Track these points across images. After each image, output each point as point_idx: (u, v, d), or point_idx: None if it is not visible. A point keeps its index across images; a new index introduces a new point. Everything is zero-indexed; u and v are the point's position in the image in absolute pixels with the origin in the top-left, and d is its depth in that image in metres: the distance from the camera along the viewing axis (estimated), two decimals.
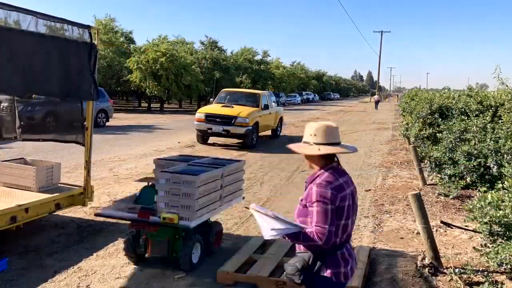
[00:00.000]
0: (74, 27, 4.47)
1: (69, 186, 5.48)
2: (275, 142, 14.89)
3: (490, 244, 3.86)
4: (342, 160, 10.22)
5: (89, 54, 4.61)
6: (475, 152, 6.81)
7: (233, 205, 5.05)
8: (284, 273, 2.58)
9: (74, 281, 3.97)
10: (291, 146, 2.47)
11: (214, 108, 13.48)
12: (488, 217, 3.66)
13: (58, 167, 5.44)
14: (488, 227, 3.73)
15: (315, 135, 2.36)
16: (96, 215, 4.47)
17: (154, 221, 4.02)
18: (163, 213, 3.95)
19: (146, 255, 4.28)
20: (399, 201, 7.00)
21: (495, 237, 3.76)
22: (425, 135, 9.64)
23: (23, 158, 5.83)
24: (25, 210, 4.54)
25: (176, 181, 3.99)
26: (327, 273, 2.27)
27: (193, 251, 4.19)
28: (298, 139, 10.01)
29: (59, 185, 5.43)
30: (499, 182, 4.47)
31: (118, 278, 4.05)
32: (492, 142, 6.63)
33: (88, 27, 4.69)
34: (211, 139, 13.49)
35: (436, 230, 5.38)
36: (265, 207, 6.60)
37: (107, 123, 17.93)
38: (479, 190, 6.15)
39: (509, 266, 3.64)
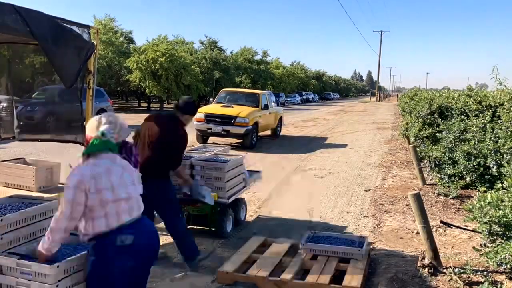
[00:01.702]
0: (74, 27, 4.47)
1: None
2: (275, 142, 14.88)
3: (490, 244, 3.86)
4: (342, 160, 10.14)
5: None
6: (475, 152, 6.81)
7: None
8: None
9: None
10: None
11: (214, 108, 13.47)
12: (488, 217, 3.65)
13: (58, 167, 5.43)
14: (488, 227, 3.72)
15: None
16: None
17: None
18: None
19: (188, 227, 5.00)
20: (399, 201, 7.00)
21: (495, 237, 3.76)
22: (425, 135, 9.64)
23: (22, 158, 5.81)
24: None
25: (208, 167, 4.99)
26: None
27: (226, 224, 5.15)
28: (299, 139, 9.99)
29: (59, 185, 5.42)
30: (499, 182, 4.47)
31: None
32: (491, 142, 6.62)
33: (87, 26, 4.69)
34: (211, 139, 13.49)
35: (436, 230, 5.38)
36: (265, 207, 6.61)
37: None
38: (478, 190, 6.15)
39: (508, 266, 3.64)
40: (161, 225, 4.43)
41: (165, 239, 5.11)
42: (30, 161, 5.71)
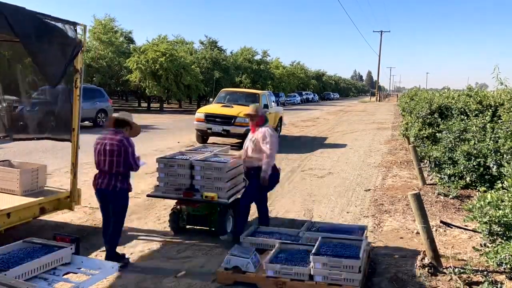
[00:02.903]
0: (59, 23, 4.21)
1: (55, 189, 5.31)
2: None
3: (490, 243, 3.86)
4: (341, 159, 10.12)
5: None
6: (475, 152, 6.81)
7: None
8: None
9: (73, 280, 3.96)
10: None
11: (214, 108, 13.47)
12: (488, 216, 3.65)
13: (44, 169, 5.20)
14: (488, 227, 3.72)
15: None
16: (148, 196, 5.37)
17: (197, 199, 4.93)
18: (204, 192, 4.89)
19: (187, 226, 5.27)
20: (399, 201, 7.00)
21: (495, 237, 3.76)
22: (425, 135, 9.64)
23: (8, 160, 5.63)
24: (7, 215, 4.33)
25: (208, 167, 4.99)
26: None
27: (226, 224, 5.15)
28: (299, 138, 9.93)
29: (45, 188, 5.22)
30: (499, 181, 4.47)
31: (118, 277, 4.06)
32: (491, 142, 6.62)
33: (73, 23, 4.50)
34: (211, 139, 13.48)
35: (436, 230, 5.38)
36: None
37: None
38: (478, 190, 6.15)
39: (508, 266, 3.64)
40: None
41: (164, 239, 5.11)
42: (16, 163, 5.50)
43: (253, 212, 6.34)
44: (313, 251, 3.83)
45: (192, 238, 5.12)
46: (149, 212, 6.16)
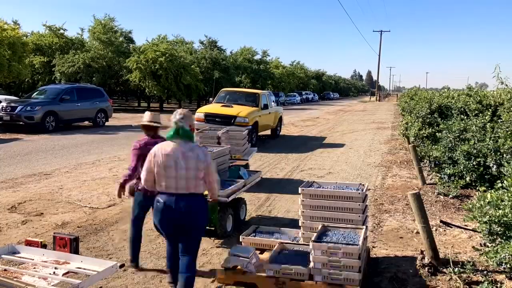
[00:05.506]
0: None
1: None
2: (275, 141, 14.89)
3: (490, 243, 3.87)
4: (341, 159, 10.06)
5: None
6: (475, 151, 6.82)
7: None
8: None
9: (73, 280, 3.95)
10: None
11: (214, 107, 13.47)
12: (488, 216, 3.66)
13: None
14: (488, 227, 3.73)
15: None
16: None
17: None
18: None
19: None
20: (399, 201, 7.00)
21: (495, 237, 3.76)
22: (425, 135, 9.65)
23: None
24: None
25: None
26: None
27: (227, 222, 5.19)
28: (298, 138, 9.88)
29: None
30: (499, 181, 4.47)
31: (117, 278, 4.06)
32: (491, 141, 6.63)
33: None
34: None
35: (436, 230, 5.38)
36: (265, 207, 6.62)
37: (106, 123, 17.94)
38: (478, 190, 6.15)
39: (508, 266, 3.64)
40: None
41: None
42: None
43: (253, 211, 6.35)
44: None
45: None
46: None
